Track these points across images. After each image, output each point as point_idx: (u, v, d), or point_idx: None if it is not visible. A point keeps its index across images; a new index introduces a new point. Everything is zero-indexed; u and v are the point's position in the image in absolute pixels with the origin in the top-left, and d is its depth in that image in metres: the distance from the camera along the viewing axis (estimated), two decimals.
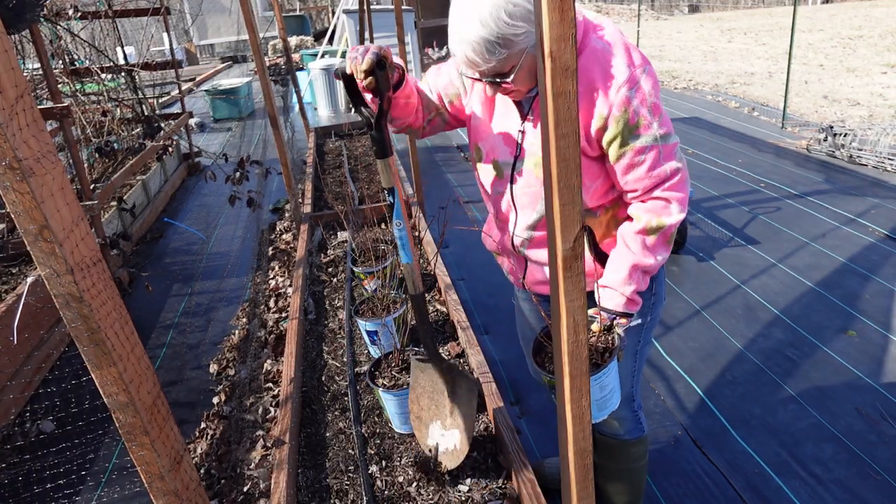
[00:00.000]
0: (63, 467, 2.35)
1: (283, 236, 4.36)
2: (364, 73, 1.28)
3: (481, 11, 1.16)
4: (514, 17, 1.16)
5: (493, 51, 1.19)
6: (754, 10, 20.80)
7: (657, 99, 1.25)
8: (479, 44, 1.18)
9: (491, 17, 1.16)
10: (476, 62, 1.22)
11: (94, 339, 0.93)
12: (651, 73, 1.26)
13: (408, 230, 1.54)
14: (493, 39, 1.17)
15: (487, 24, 1.16)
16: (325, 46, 10.17)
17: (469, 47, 1.20)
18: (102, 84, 5.23)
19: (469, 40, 1.19)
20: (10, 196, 0.83)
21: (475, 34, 1.18)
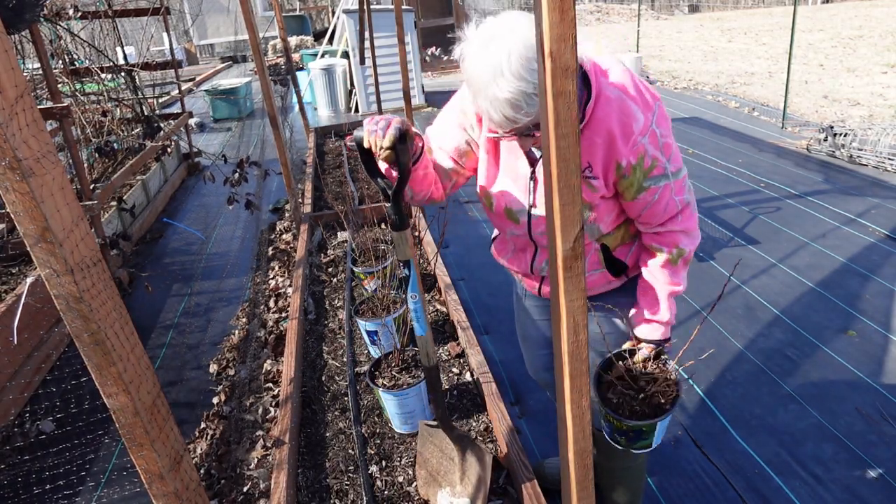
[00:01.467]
0: (63, 468, 2.35)
1: (283, 236, 4.36)
2: (385, 150, 1.25)
3: (512, 66, 1.10)
4: None
5: (532, 102, 1.13)
6: (754, 10, 20.80)
7: (668, 137, 1.28)
8: (518, 98, 1.12)
9: (524, 69, 1.10)
10: (516, 119, 1.16)
11: (94, 339, 0.93)
12: (661, 112, 1.28)
13: (423, 302, 1.52)
14: (531, 91, 1.11)
15: (522, 77, 1.10)
16: (325, 46, 10.17)
17: (507, 105, 1.13)
18: (102, 84, 5.23)
19: (506, 98, 1.12)
20: (10, 196, 0.83)
21: (512, 90, 1.11)
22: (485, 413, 2.15)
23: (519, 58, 1.10)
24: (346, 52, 8.85)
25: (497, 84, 1.12)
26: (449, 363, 2.46)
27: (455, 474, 1.78)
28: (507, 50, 1.10)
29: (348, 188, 4.59)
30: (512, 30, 1.12)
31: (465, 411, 2.18)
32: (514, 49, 1.10)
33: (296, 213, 4.12)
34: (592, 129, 1.25)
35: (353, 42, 8.03)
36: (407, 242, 1.45)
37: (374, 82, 6.37)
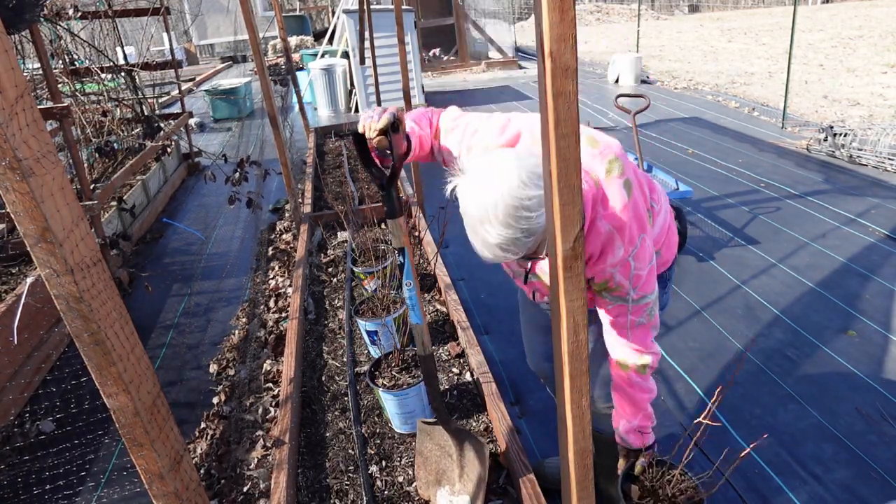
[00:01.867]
0: (63, 468, 2.35)
1: (283, 236, 4.36)
2: (377, 132, 1.30)
3: (498, 215, 1.15)
4: (532, 209, 1.16)
5: (521, 244, 1.19)
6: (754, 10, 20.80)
7: (643, 269, 1.33)
8: (507, 243, 1.18)
9: (512, 218, 1.15)
10: (505, 257, 1.22)
11: (94, 339, 0.93)
12: (643, 246, 1.32)
13: (417, 291, 1.55)
14: (520, 236, 1.17)
15: (510, 224, 1.15)
16: (325, 46, 10.17)
17: (498, 249, 1.20)
18: (102, 84, 5.23)
19: (497, 243, 1.18)
20: (10, 196, 0.83)
21: (501, 237, 1.17)
22: (485, 413, 2.15)
23: (506, 207, 1.14)
24: (346, 52, 8.85)
25: (485, 229, 1.17)
26: (449, 363, 2.46)
27: (454, 472, 1.78)
28: (494, 199, 1.15)
29: (348, 188, 4.59)
30: (500, 175, 1.16)
31: (465, 411, 2.18)
32: (502, 199, 1.14)
33: (296, 213, 4.12)
34: None
35: (353, 42, 8.03)
36: (401, 230, 1.47)
37: (374, 82, 6.37)
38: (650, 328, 1.43)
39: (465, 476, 1.75)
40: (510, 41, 12.75)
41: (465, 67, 11.74)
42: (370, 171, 1.44)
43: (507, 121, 1.45)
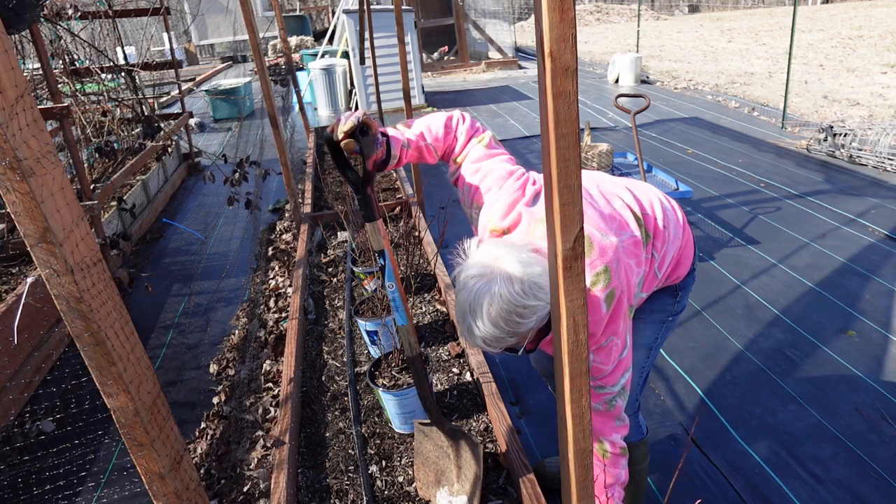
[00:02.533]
0: (63, 468, 2.35)
1: (283, 236, 4.36)
2: (344, 134, 1.32)
3: (490, 314, 1.18)
4: (524, 316, 1.19)
5: (503, 342, 1.24)
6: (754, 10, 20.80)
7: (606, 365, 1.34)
8: (492, 339, 1.22)
9: (502, 320, 1.18)
10: (486, 350, 1.27)
11: (94, 339, 0.93)
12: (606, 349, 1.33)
13: (401, 291, 1.55)
14: (504, 336, 1.21)
15: (498, 325, 1.19)
16: (325, 46, 10.18)
17: (481, 341, 1.24)
18: (102, 84, 5.23)
19: (483, 337, 1.22)
20: (10, 196, 0.83)
21: (488, 334, 1.21)
22: (485, 413, 2.15)
23: (499, 310, 1.18)
24: (346, 52, 8.86)
25: (474, 321, 1.21)
26: (449, 363, 2.46)
27: (452, 472, 1.78)
28: (490, 298, 1.18)
29: (348, 188, 4.59)
30: (501, 276, 1.19)
31: (466, 411, 2.18)
32: (497, 302, 1.18)
33: (296, 213, 4.12)
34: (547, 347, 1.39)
35: (353, 42, 8.03)
36: (379, 232, 1.48)
37: (374, 82, 6.37)
38: (612, 418, 1.41)
39: (462, 476, 1.76)
40: (510, 41, 12.75)
41: (465, 67, 11.74)
42: (345, 175, 1.44)
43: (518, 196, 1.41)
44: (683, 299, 1.67)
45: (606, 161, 4.03)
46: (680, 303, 1.66)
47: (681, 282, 1.64)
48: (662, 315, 1.64)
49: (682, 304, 1.67)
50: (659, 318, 1.64)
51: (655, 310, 1.64)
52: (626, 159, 4.36)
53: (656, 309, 1.64)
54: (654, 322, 1.65)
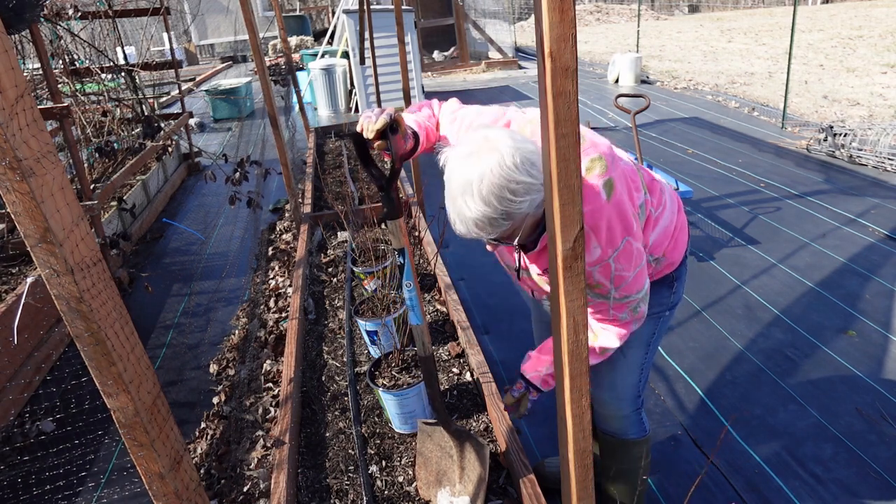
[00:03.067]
0: (63, 468, 2.35)
1: (283, 236, 4.36)
2: (374, 133, 1.31)
3: (482, 190, 1.13)
4: (517, 193, 1.14)
5: (496, 225, 1.18)
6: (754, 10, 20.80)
7: (627, 271, 1.30)
8: (483, 221, 1.16)
9: (494, 197, 1.13)
10: (479, 234, 1.21)
11: (94, 339, 0.93)
12: (627, 249, 1.28)
13: (418, 290, 1.55)
14: (497, 216, 1.16)
15: (490, 203, 1.14)
16: (325, 46, 10.18)
17: (472, 224, 1.18)
18: (102, 84, 5.23)
19: (472, 218, 1.17)
20: (10, 196, 0.83)
21: (478, 213, 1.15)
22: (485, 413, 2.15)
23: (491, 184, 1.13)
24: (346, 52, 8.85)
25: (465, 201, 1.15)
26: (449, 363, 2.46)
27: (454, 472, 1.78)
28: (481, 173, 1.13)
29: (348, 188, 4.59)
30: (493, 151, 1.14)
31: (465, 411, 2.18)
32: (490, 174, 1.13)
33: (296, 213, 4.12)
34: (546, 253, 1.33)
35: (353, 42, 8.03)
36: (401, 231, 1.48)
37: (374, 82, 6.37)
38: (632, 323, 1.41)
39: (465, 477, 1.75)
40: (510, 41, 12.75)
41: (465, 67, 11.74)
42: (369, 172, 1.44)
43: (503, 114, 1.45)
44: (679, 290, 1.65)
45: None
46: (676, 293, 1.64)
47: (675, 270, 1.61)
48: (659, 308, 1.61)
49: (678, 295, 1.66)
50: (655, 312, 1.61)
51: (652, 304, 1.61)
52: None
53: (653, 303, 1.59)
54: (651, 316, 1.62)
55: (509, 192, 1.13)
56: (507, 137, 1.17)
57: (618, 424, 1.69)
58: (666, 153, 5.74)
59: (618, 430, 1.69)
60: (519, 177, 1.13)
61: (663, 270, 1.57)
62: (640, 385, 1.67)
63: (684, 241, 1.60)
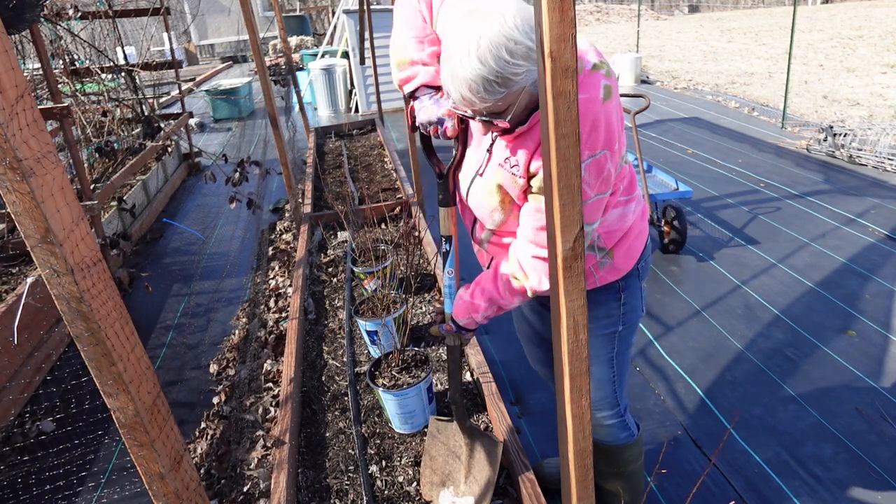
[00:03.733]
0: (63, 468, 2.35)
1: (283, 236, 4.36)
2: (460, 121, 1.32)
3: (480, 48, 1.08)
4: (515, 55, 1.08)
5: (491, 90, 1.11)
6: (754, 10, 20.80)
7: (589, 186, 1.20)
8: (477, 83, 1.10)
9: (491, 56, 1.08)
10: (472, 101, 1.14)
11: (94, 339, 0.93)
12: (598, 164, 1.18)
13: (457, 279, 1.55)
14: (492, 78, 1.10)
15: (487, 62, 1.08)
16: (325, 46, 10.18)
17: (465, 85, 1.12)
18: (102, 84, 5.23)
19: (466, 78, 1.11)
20: (10, 196, 0.83)
21: (472, 72, 1.09)
22: (485, 413, 2.15)
23: (489, 41, 1.07)
24: (346, 52, 8.86)
25: (461, 60, 1.10)
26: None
27: (460, 473, 1.77)
28: (480, 31, 1.08)
29: (348, 188, 4.59)
30: (497, 12, 1.09)
31: (466, 411, 2.18)
32: (487, 33, 1.07)
33: (296, 213, 4.12)
34: (529, 135, 1.25)
35: (353, 42, 8.03)
36: (450, 218, 1.48)
37: (374, 82, 6.37)
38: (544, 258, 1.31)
39: (471, 477, 1.75)
40: None
41: None
42: (430, 161, 1.49)
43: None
44: (631, 304, 1.53)
45: None
46: (626, 305, 1.52)
47: (623, 279, 1.50)
48: (609, 321, 1.52)
49: (630, 310, 1.54)
50: (607, 326, 1.52)
51: (600, 316, 1.52)
52: (626, 159, 4.36)
53: (601, 315, 1.51)
54: (605, 335, 1.54)
55: (507, 52, 1.07)
56: (514, 2, 1.11)
57: (603, 432, 1.67)
58: (666, 153, 5.74)
59: (604, 436, 1.68)
60: (519, 37, 1.07)
61: (607, 275, 1.47)
62: (615, 395, 1.62)
63: (638, 249, 1.50)
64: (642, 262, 1.53)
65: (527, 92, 1.15)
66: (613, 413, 1.65)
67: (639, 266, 1.52)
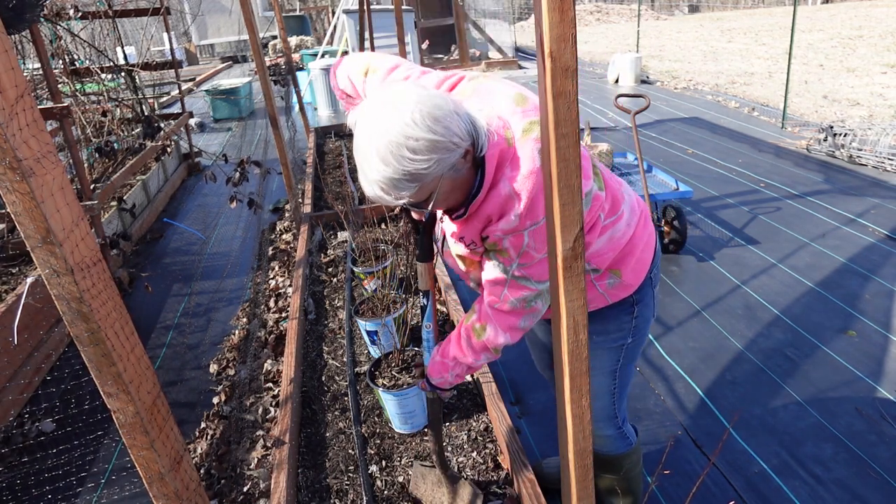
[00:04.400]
0: (63, 468, 2.35)
1: (283, 236, 4.36)
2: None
3: (380, 150, 1.07)
4: (417, 151, 1.06)
5: (402, 187, 1.10)
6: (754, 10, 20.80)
7: (536, 251, 1.20)
8: (386, 183, 1.09)
9: (392, 156, 1.06)
10: (388, 199, 1.13)
11: (94, 339, 0.93)
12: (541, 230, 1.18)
13: (435, 333, 1.57)
14: (399, 178, 1.08)
15: (389, 162, 1.07)
16: (325, 46, 10.18)
17: (377, 186, 1.11)
18: (102, 84, 5.23)
19: (375, 180, 1.10)
20: (10, 196, 0.83)
21: (379, 174, 1.09)
22: (485, 413, 2.15)
23: (388, 143, 1.06)
24: (346, 52, 8.85)
25: (368, 162, 1.10)
26: None
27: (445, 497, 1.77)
28: (379, 132, 1.07)
29: (348, 188, 4.59)
30: (394, 109, 1.07)
31: (466, 411, 2.18)
32: (386, 133, 1.06)
33: (296, 213, 4.12)
34: (475, 218, 1.24)
35: (353, 42, 8.03)
36: (429, 274, 1.50)
37: None
38: (522, 316, 1.30)
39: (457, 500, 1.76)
40: (510, 41, 12.76)
41: (465, 67, 11.74)
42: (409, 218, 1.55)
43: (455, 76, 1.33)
44: (643, 315, 1.50)
45: (606, 161, 4.03)
46: (638, 319, 1.49)
47: (635, 293, 1.46)
48: (619, 335, 1.49)
49: (642, 322, 1.51)
50: (616, 340, 1.50)
51: (611, 330, 1.49)
52: (626, 159, 4.36)
53: (612, 329, 1.49)
54: (612, 348, 1.51)
55: (408, 151, 1.05)
56: (412, 93, 1.09)
57: (600, 442, 1.65)
58: (666, 153, 5.74)
59: (601, 447, 1.66)
60: (418, 133, 1.05)
61: (619, 293, 1.44)
62: (613, 408, 1.61)
63: (646, 261, 1.45)
64: (654, 269, 1.49)
65: (447, 178, 1.13)
66: (610, 426, 1.63)
67: (651, 275, 1.48)
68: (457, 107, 1.13)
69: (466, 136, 1.12)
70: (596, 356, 1.51)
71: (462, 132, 1.11)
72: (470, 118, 1.14)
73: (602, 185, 1.32)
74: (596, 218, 1.31)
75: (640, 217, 1.45)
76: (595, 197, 1.28)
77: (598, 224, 1.32)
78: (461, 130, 1.11)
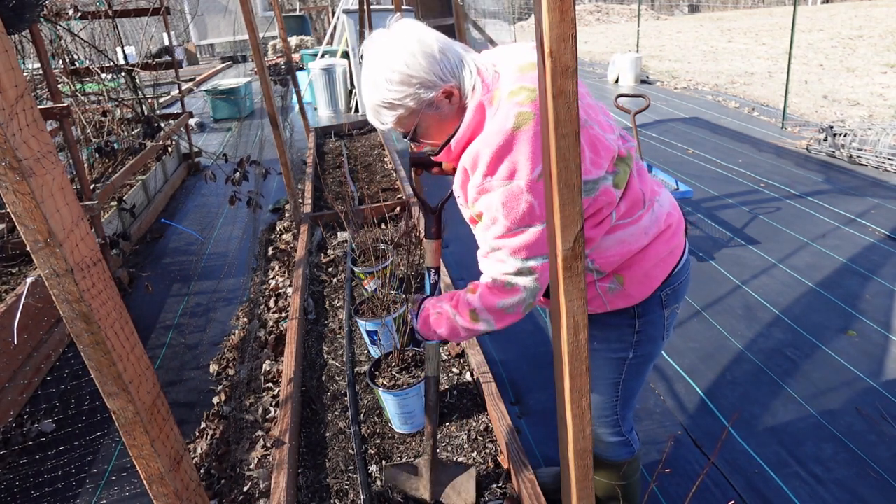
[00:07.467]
0: (63, 469, 2.35)
1: (283, 236, 4.36)
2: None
3: (372, 75, 1.25)
4: (392, 82, 1.22)
5: (382, 114, 1.28)
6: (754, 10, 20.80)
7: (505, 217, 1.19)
8: (371, 107, 1.29)
9: (375, 84, 1.24)
10: (376, 124, 1.31)
11: (94, 339, 0.93)
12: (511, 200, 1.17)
13: None
14: (378, 103, 1.26)
15: (377, 88, 1.24)
16: (326, 46, 10.18)
17: (368, 108, 1.30)
18: (102, 84, 5.23)
19: (365, 102, 1.30)
20: (10, 196, 0.83)
21: (367, 97, 1.28)
22: (485, 413, 2.15)
23: (376, 72, 1.23)
24: (346, 52, 8.85)
25: (363, 89, 1.28)
26: (449, 363, 2.46)
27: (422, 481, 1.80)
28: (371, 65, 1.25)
29: (348, 188, 4.59)
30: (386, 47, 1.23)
31: (465, 411, 2.18)
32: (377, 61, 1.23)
33: (296, 213, 4.12)
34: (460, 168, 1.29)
35: (353, 42, 8.03)
36: (436, 251, 1.58)
37: None
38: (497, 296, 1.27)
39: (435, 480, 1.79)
40: (510, 41, 12.75)
41: None
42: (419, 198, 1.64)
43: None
44: (646, 332, 1.44)
45: None
46: (640, 334, 1.43)
47: (638, 306, 1.40)
48: (620, 346, 1.45)
49: (646, 340, 1.45)
50: (617, 351, 1.46)
51: (612, 339, 1.45)
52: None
53: (612, 338, 1.45)
54: (613, 359, 1.47)
55: (385, 80, 1.22)
56: (408, 29, 1.24)
57: (601, 447, 1.64)
58: (666, 153, 5.74)
59: (601, 452, 1.65)
60: (395, 66, 1.20)
61: (619, 301, 1.38)
62: (615, 417, 1.58)
63: (658, 277, 1.38)
64: (667, 288, 1.41)
65: (428, 113, 1.27)
66: (613, 432, 1.61)
67: (662, 293, 1.40)
68: (447, 49, 1.25)
69: (448, 76, 1.23)
70: (597, 365, 1.49)
71: (442, 73, 1.22)
72: (460, 64, 1.25)
73: (620, 183, 1.28)
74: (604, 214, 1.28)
75: (664, 231, 1.38)
76: (603, 190, 1.24)
77: (606, 220, 1.28)
78: (441, 71, 1.22)
